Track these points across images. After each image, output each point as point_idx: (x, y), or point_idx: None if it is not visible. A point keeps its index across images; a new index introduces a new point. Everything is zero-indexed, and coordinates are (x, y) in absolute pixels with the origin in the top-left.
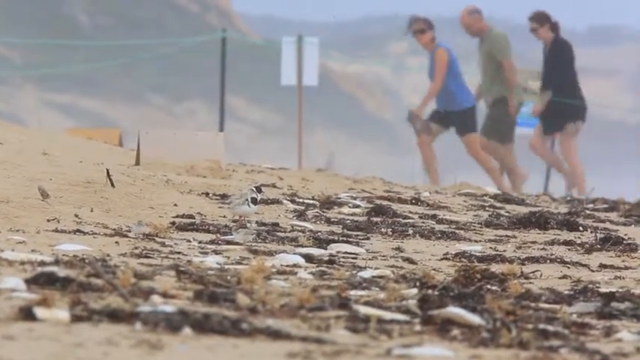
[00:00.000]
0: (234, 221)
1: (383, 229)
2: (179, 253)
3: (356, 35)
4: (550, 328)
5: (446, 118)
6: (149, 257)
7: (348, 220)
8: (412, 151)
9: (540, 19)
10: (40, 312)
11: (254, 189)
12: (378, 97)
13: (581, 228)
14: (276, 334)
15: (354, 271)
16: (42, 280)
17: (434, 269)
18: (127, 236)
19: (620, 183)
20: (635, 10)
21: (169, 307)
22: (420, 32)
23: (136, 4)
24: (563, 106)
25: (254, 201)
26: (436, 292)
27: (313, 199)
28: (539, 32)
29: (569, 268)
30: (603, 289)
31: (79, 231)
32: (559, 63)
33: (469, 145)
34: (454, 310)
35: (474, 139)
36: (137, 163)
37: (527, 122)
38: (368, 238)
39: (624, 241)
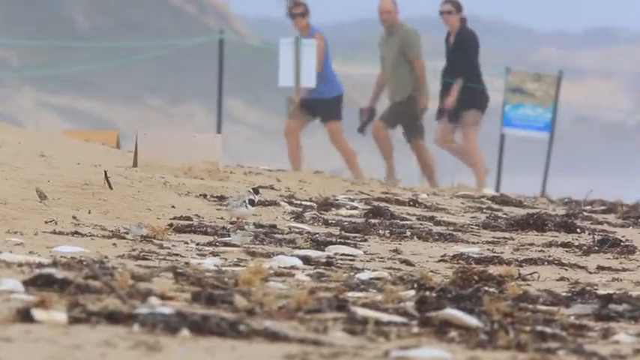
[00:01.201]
0: (231, 223)
1: (381, 231)
2: (177, 255)
3: (353, 37)
4: (548, 330)
5: (314, 106)
6: (147, 259)
7: (345, 221)
8: (410, 153)
9: (456, 5)
10: (37, 314)
11: (251, 191)
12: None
13: (578, 230)
14: (273, 336)
15: (352, 273)
16: (40, 282)
17: (431, 271)
18: (124, 238)
19: (619, 184)
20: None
21: (167, 309)
22: (300, 16)
23: (134, 6)
24: (464, 96)
25: (251, 202)
26: (434, 294)
27: (311, 200)
28: (451, 17)
29: (566, 270)
30: (601, 291)
31: (76, 233)
32: (464, 52)
33: (332, 133)
34: (452, 312)
35: (336, 127)
36: (135, 164)
37: (518, 124)
38: (366, 240)
39: (622, 243)
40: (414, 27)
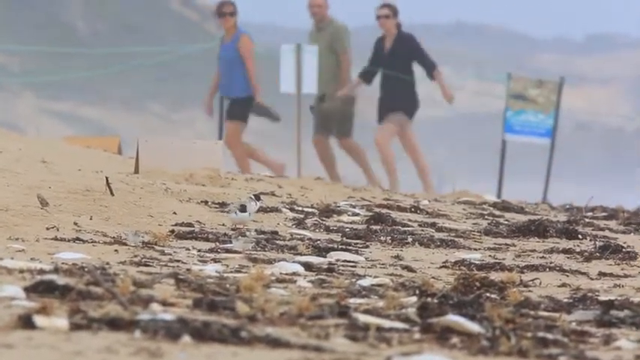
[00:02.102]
0: (233, 229)
1: (382, 238)
2: (178, 261)
3: (354, 43)
4: (549, 336)
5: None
6: (148, 265)
7: (347, 228)
8: (408, 159)
9: (393, 9)
10: (39, 320)
11: (253, 197)
12: (376, 105)
13: (580, 236)
14: (275, 343)
15: (354, 280)
16: (41, 289)
17: (433, 277)
18: (126, 244)
19: (620, 191)
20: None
21: (169, 315)
22: (229, 15)
23: (135, 12)
24: (395, 98)
25: (242, 209)
26: (435, 300)
27: (312, 207)
28: (388, 21)
29: (568, 276)
30: (602, 297)
31: (78, 239)
32: (416, 55)
33: (230, 133)
34: (453, 318)
35: (236, 128)
36: (136, 171)
37: (519, 130)
38: (367, 247)
39: (623, 250)
40: (343, 23)
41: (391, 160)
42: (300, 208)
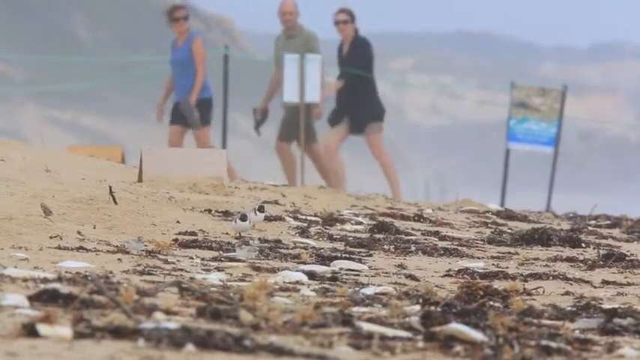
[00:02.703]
0: (236, 238)
1: (385, 246)
2: (182, 270)
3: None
4: (553, 344)
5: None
6: (152, 274)
7: (350, 237)
8: (414, 168)
9: (351, 14)
10: (42, 329)
11: (256, 208)
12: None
13: (583, 244)
14: (279, 351)
15: (357, 288)
16: (45, 297)
17: (436, 286)
18: (129, 253)
19: (623, 199)
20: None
21: (172, 324)
22: (183, 19)
23: (138, 21)
24: (364, 110)
25: (244, 218)
26: (439, 309)
27: (316, 216)
28: (346, 26)
29: (571, 284)
30: (606, 306)
31: (81, 248)
32: (359, 61)
33: (199, 138)
34: (457, 327)
35: (205, 132)
36: (140, 180)
37: (522, 139)
38: (371, 255)
39: (627, 258)
40: (313, 30)
41: (338, 165)
42: (303, 217)
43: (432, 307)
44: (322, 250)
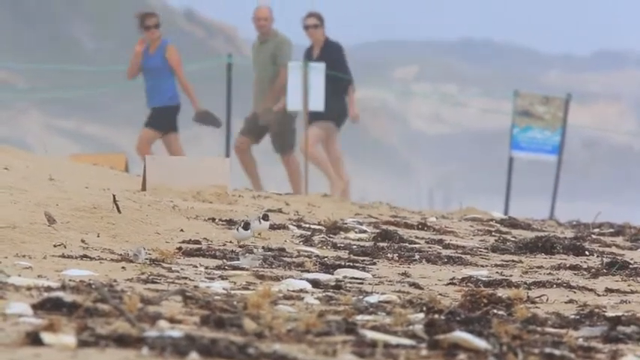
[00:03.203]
0: (240, 246)
1: (389, 254)
2: (186, 278)
3: (361, 60)
4: (556, 352)
5: (155, 115)
6: (156, 282)
7: (354, 245)
8: (418, 176)
9: (321, 19)
10: (46, 337)
11: (260, 217)
12: (383, 123)
13: (587, 252)
14: (282, 359)
15: (361, 296)
16: (48, 306)
17: (440, 294)
18: (133, 261)
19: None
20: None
21: (176, 332)
22: (154, 27)
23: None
24: (326, 107)
25: (246, 226)
26: (443, 317)
27: (319, 224)
28: (317, 31)
29: (575, 292)
30: (609, 314)
31: (85, 256)
32: (336, 65)
33: (170, 144)
34: (461, 335)
35: (174, 138)
36: (143, 188)
37: (526, 147)
38: (374, 263)
39: (630, 266)
40: (287, 36)
41: (325, 162)
42: (307, 225)
43: (436, 315)
44: (326, 259)
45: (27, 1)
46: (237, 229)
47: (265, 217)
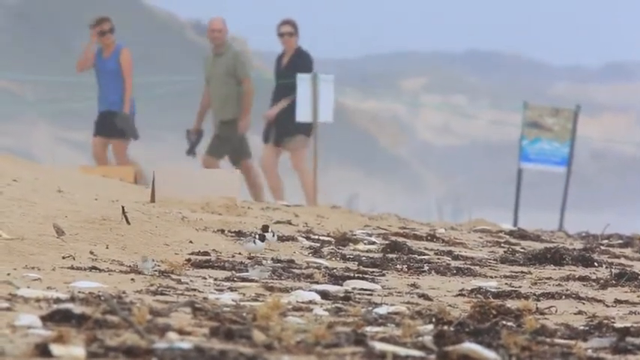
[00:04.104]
0: (249, 258)
1: (398, 266)
2: (195, 290)
3: (370, 72)
4: None
5: (104, 120)
6: (165, 294)
7: (363, 256)
8: (427, 188)
9: (295, 27)
10: (55, 349)
11: (261, 229)
12: (392, 134)
13: (596, 264)
14: None
15: (370, 308)
16: (58, 317)
17: (449, 305)
18: (142, 273)
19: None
20: None
21: (185, 344)
22: (109, 32)
23: (150, 41)
24: (290, 122)
25: (262, 238)
26: (452, 328)
27: (329, 235)
28: (291, 39)
29: (584, 303)
30: (618, 325)
31: (94, 268)
32: (295, 72)
33: (118, 151)
34: (470, 346)
35: (124, 145)
36: (152, 200)
37: (535, 158)
38: (383, 275)
39: (639, 277)
40: (242, 49)
41: (311, 182)
42: (316, 237)
43: (445, 327)
44: (335, 270)
45: (35, 13)
46: (254, 242)
47: (262, 238)
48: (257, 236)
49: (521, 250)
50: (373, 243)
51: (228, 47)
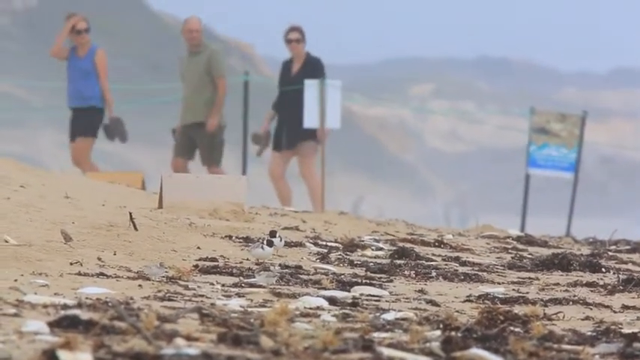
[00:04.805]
0: (257, 264)
1: (406, 272)
2: (202, 296)
3: (378, 78)
4: None
5: (75, 118)
6: (172, 300)
7: (371, 262)
8: (435, 193)
9: (303, 33)
10: (63, 355)
11: (269, 234)
12: (400, 139)
13: (603, 270)
14: None
15: (378, 314)
16: (65, 323)
17: (457, 311)
18: (150, 279)
19: None
20: None
21: (193, 350)
22: (85, 32)
23: (157, 47)
24: (301, 127)
25: (269, 243)
26: (459, 334)
27: (336, 241)
28: (299, 45)
29: (591, 309)
30: (626, 330)
31: (102, 274)
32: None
33: (78, 149)
34: (477, 352)
35: (88, 143)
36: (160, 206)
37: (543, 164)
38: (391, 281)
39: None
40: (218, 47)
41: (319, 189)
42: (324, 243)
43: (453, 333)
44: (343, 276)
45: (42, 19)
46: (262, 247)
47: (269, 244)
48: (265, 242)
49: (529, 256)
50: (381, 249)
51: (205, 47)
